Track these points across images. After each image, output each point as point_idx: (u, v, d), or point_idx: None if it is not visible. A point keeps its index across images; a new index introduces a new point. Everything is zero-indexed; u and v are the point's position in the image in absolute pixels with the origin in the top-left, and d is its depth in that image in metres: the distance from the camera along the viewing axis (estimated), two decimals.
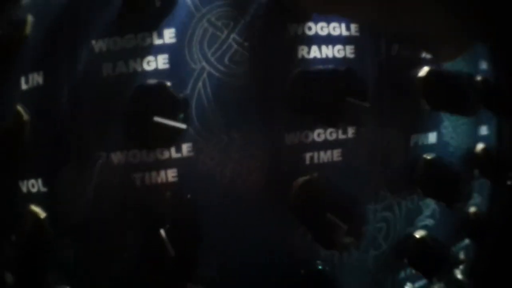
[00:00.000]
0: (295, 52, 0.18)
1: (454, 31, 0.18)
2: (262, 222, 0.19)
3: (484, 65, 0.23)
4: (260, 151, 0.18)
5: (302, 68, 0.18)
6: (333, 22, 0.19)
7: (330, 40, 0.19)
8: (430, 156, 0.20)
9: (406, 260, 0.21)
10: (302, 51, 0.18)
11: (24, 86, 0.19)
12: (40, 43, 0.19)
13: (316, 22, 0.18)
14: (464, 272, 0.24)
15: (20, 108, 0.19)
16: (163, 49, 0.18)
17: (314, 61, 0.18)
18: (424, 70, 0.20)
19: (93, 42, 0.18)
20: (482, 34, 0.18)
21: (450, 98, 0.20)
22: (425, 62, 0.20)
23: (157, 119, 0.15)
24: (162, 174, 0.18)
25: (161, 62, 0.17)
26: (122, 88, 0.17)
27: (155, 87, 0.16)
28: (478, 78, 0.22)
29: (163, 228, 0.16)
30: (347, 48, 0.19)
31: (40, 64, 0.19)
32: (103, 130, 0.18)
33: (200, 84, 0.18)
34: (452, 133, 0.21)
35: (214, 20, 0.18)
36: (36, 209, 0.19)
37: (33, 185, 0.19)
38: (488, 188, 0.25)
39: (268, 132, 0.18)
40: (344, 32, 0.19)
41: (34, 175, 0.19)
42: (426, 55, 0.20)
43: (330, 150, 0.19)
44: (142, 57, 0.17)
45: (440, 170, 0.20)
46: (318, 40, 0.18)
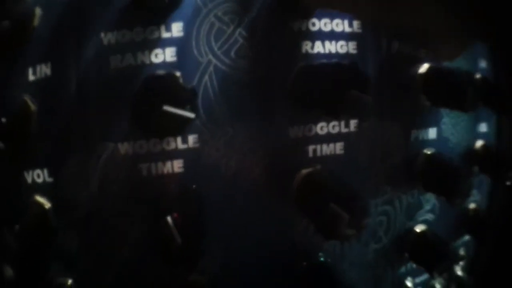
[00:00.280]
0: (299, 47, 0.19)
1: (454, 31, 0.18)
2: (265, 214, 0.19)
3: (483, 63, 0.23)
4: (264, 144, 0.19)
5: (306, 62, 0.19)
6: (336, 19, 0.19)
7: (333, 36, 0.19)
8: (430, 151, 0.21)
9: (406, 254, 0.22)
10: (306, 46, 0.19)
11: (31, 77, 0.19)
12: (48, 35, 0.19)
13: (319, 18, 0.19)
14: (464, 268, 0.25)
15: (27, 98, 0.19)
16: (171, 42, 0.18)
17: (317, 56, 0.19)
18: (424, 66, 0.21)
19: (101, 35, 0.18)
20: (482, 33, 0.19)
21: (449, 94, 0.20)
22: (425, 59, 0.21)
23: (166, 108, 0.15)
24: (168, 165, 0.18)
25: (168, 54, 0.18)
26: (129, 79, 0.18)
27: (165, 77, 0.16)
28: (478, 76, 0.22)
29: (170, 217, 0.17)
30: (350, 44, 0.19)
31: (48, 55, 0.19)
32: (111, 121, 0.18)
33: (206, 77, 0.18)
34: (452, 129, 0.22)
35: (220, 15, 0.18)
36: (41, 199, 0.19)
37: (38, 175, 0.19)
38: (487, 185, 0.25)
39: (272, 125, 0.19)
40: (346, 28, 0.19)
41: (40, 165, 0.19)
42: (426, 52, 0.21)
43: (333, 143, 0.19)
44: (150, 49, 0.18)
45: (440, 165, 0.21)
46: (322, 35, 0.19)
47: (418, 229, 0.22)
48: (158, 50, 0.18)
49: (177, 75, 0.16)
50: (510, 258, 0.26)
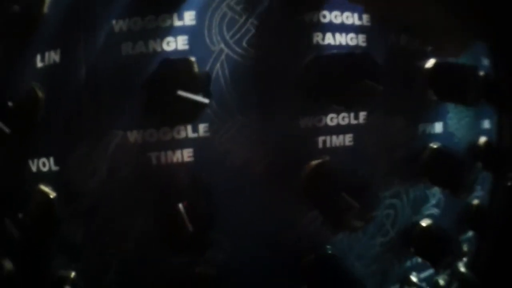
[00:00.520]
0: (310, 38, 0.19)
1: (454, 31, 0.18)
2: (274, 204, 0.19)
3: (485, 61, 0.24)
4: (274, 134, 0.19)
5: (317, 53, 0.19)
6: (346, 11, 0.19)
7: (343, 28, 0.19)
8: (436, 145, 0.21)
9: (412, 248, 0.22)
10: (317, 37, 0.19)
11: (39, 64, 0.19)
12: (58, 22, 0.19)
13: (330, 11, 0.19)
14: (467, 265, 0.25)
15: (35, 85, 0.19)
16: (183, 30, 0.18)
17: (328, 47, 0.19)
18: (431, 61, 0.21)
19: (113, 22, 0.18)
20: (482, 33, 0.19)
21: (454, 88, 0.20)
22: (431, 54, 0.21)
23: (180, 93, 0.15)
24: (178, 154, 0.18)
25: (180, 43, 0.18)
26: (140, 67, 0.18)
27: (180, 62, 0.16)
28: (481, 72, 0.23)
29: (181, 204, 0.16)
30: (360, 36, 0.19)
31: (57, 42, 0.19)
32: (120, 109, 0.18)
33: (218, 65, 0.18)
34: (456, 124, 0.22)
35: (233, 4, 0.18)
36: (45, 188, 0.19)
37: (44, 164, 0.19)
38: (489, 182, 0.25)
39: (283, 115, 0.19)
40: (356, 21, 0.19)
41: (46, 154, 0.19)
42: (433, 48, 0.21)
43: (342, 134, 0.19)
44: (162, 37, 0.18)
45: (446, 158, 0.21)
46: (332, 27, 0.19)
47: (424, 223, 0.22)
48: (170, 38, 0.18)
49: (192, 60, 0.16)
50: (510, 258, 0.27)
